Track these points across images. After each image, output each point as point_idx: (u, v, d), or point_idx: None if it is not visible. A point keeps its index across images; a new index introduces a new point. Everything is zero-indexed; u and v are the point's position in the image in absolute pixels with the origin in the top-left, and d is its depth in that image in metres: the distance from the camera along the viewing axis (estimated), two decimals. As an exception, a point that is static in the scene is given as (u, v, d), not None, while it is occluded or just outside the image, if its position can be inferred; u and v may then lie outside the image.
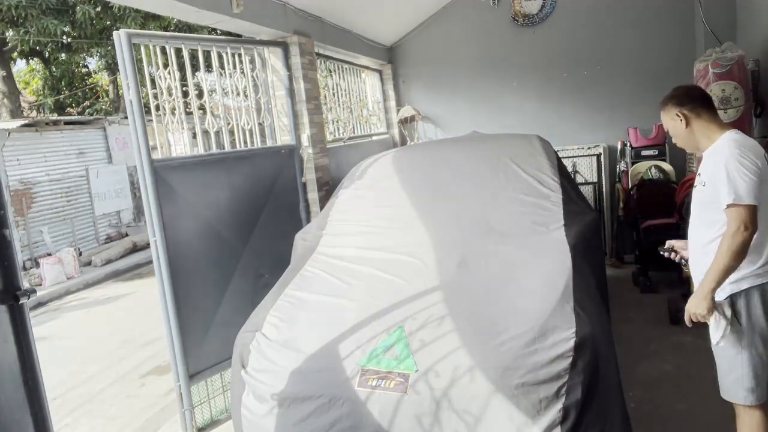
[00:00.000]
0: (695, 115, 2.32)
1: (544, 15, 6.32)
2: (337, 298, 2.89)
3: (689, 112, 2.32)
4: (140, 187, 3.32)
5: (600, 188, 6.27)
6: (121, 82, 3.58)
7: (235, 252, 3.71)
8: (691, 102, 2.34)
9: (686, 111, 2.33)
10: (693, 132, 2.34)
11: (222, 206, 3.66)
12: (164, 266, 3.29)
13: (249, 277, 3.76)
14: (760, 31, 4.91)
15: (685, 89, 2.42)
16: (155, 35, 3.58)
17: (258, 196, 3.95)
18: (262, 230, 3.91)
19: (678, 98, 2.37)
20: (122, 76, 3.30)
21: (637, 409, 3.12)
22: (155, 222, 3.27)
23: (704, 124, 2.32)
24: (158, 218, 3.27)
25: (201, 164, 3.63)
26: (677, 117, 2.34)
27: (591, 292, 2.67)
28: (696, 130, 2.33)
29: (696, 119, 2.32)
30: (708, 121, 2.32)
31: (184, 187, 3.46)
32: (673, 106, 2.36)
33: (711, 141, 2.29)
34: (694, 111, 2.32)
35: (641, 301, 4.99)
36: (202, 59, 3.76)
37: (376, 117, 6.92)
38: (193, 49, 3.76)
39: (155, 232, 3.28)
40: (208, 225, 3.57)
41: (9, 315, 1.43)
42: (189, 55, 3.65)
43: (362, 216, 3.73)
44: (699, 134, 2.33)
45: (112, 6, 10.45)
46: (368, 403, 2.27)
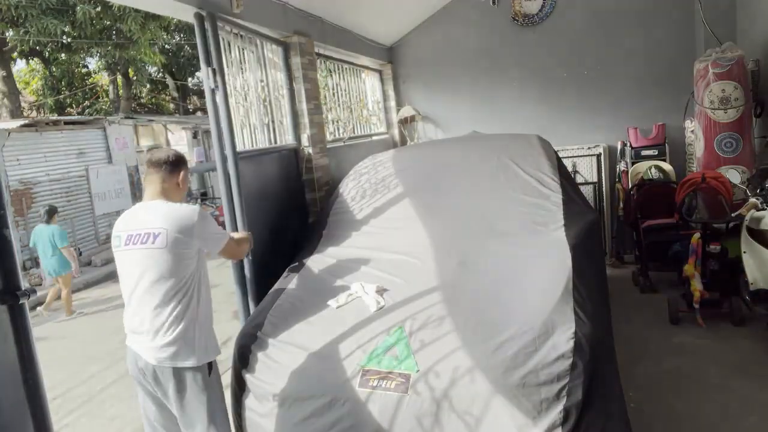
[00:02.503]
0: None
1: (544, 15, 6.32)
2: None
3: None
4: (220, 176, 3.33)
5: (600, 188, 6.27)
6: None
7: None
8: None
9: None
10: None
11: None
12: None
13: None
14: (760, 31, 4.91)
15: None
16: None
17: (267, 192, 3.97)
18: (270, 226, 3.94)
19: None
20: (204, 63, 3.21)
21: (637, 409, 3.12)
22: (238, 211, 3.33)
23: None
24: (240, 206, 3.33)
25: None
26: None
27: (591, 292, 2.66)
28: None
29: None
30: None
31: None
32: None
33: None
34: None
35: (641, 301, 4.99)
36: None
37: (376, 117, 6.92)
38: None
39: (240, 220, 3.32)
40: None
41: (9, 315, 1.43)
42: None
43: (362, 216, 3.73)
44: None
45: (112, 6, 10.44)
46: (369, 403, 2.26)
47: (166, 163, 2.43)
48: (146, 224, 2.31)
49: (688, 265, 4.38)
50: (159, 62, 14.81)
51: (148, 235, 2.28)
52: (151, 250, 2.26)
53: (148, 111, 18.40)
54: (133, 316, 2.34)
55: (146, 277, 2.28)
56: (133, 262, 2.31)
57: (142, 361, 2.31)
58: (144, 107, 19.10)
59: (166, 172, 2.42)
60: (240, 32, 3.83)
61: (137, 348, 2.33)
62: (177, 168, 2.47)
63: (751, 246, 3.79)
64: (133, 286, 2.32)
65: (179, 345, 2.27)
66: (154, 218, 2.31)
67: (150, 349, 2.28)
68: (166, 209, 2.34)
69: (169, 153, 2.50)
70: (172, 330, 2.27)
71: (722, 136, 4.78)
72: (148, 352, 2.29)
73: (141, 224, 2.33)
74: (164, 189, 2.42)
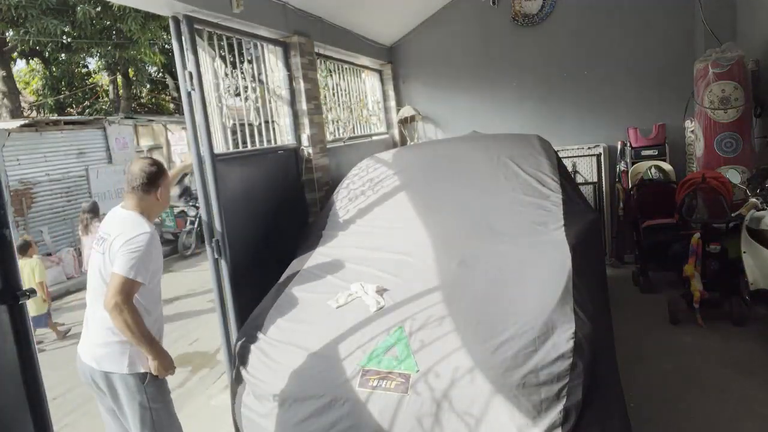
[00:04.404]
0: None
1: (544, 15, 6.32)
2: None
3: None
4: (197, 177, 3.31)
5: (600, 188, 6.27)
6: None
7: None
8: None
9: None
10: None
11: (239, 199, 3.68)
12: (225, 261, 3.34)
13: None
14: (760, 31, 4.91)
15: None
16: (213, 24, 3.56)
17: (267, 192, 3.97)
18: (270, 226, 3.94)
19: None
20: (179, 65, 3.22)
21: (637, 409, 3.12)
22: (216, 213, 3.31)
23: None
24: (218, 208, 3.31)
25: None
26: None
27: (591, 292, 2.66)
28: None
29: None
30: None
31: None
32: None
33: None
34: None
35: (641, 301, 4.99)
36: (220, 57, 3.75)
37: (376, 117, 6.92)
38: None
39: (218, 224, 3.32)
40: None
41: (9, 315, 1.43)
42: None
43: (362, 216, 3.73)
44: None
45: (112, 6, 10.44)
46: (369, 403, 2.26)
47: (141, 185, 2.43)
48: (104, 229, 2.44)
49: (688, 265, 4.38)
50: (159, 62, 14.79)
51: (103, 239, 2.40)
52: (100, 255, 2.38)
53: (148, 111, 18.39)
54: (87, 318, 2.47)
55: (92, 279, 2.43)
56: (91, 263, 2.46)
57: (85, 366, 2.41)
58: (144, 107, 19.09)
59: (142, 192, 2.44)
60: (234, 36, 3.84)
61: (81, 350, 2.45)
62: (153, 186, 2.46)
63: (751, 246, 3.79)
64: (88, 287, 2.48)
65: (109, 350, 2.35)
66: (113, 226, 2.41)
67: (88, 351, 2.40)
68: (125, 220, 2.41)
69: (143, 171, 2.45)
70: (103, 335, 2.35)
71: (722, 136, 4.78)
72: (88, 354, 2.40)
73: (104, 228, 2.45)
74: (142, 207, 2.45)
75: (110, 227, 2.41)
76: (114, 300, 2.21)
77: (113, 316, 2.23)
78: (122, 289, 2.22)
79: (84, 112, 15.26)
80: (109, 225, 2.43)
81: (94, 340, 2.38)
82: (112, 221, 2.45)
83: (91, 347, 2.39)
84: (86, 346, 2.42)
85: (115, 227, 2.38)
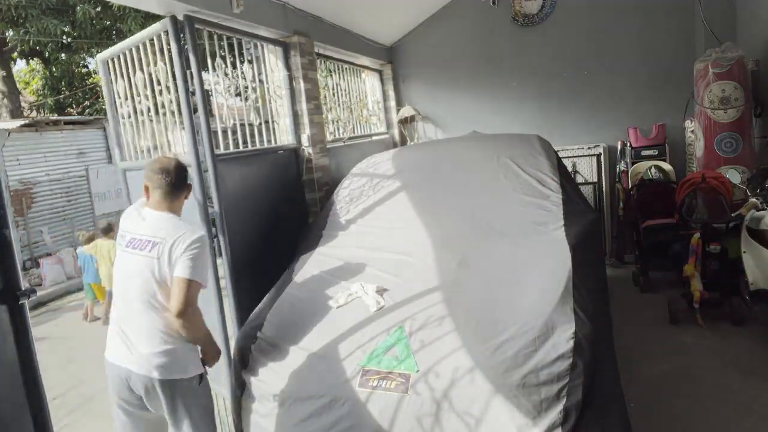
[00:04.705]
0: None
1: (544, 15, 6.32)
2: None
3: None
4: (199, 177, 3.23)
5: (600, 188, 6.27)
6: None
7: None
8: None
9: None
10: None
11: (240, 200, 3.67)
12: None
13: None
14: (760, 31, 4.91)
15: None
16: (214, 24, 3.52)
17: (267, 192, 3.97)
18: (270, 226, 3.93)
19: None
20: (179, 65, 3.16)
21: (637, 409, 3.12)
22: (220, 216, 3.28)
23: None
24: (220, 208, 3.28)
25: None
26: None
27: (591, 292, 2.66)
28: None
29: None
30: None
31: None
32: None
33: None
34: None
35: (641, 301, 4.99)
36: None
37: (376, 117, 6.92)
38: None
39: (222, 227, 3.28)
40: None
41: (9, 315, 1.43)
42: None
43: (362, 216, 3.73)
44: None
45: (112, 6, 10.44)
46: (369, 403, 2.26)
47: (174, 185, 2.38)
48: (149, 231, 2.31)
49: (688, 265, 4.38)
50: (160, 62, 14.78)
51: (153, 243, 2.28)
52: (147, 258, 2.28)
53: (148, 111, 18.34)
54: (124, 324, 2.32)
55: (137, 283, 2.28)
56: (129, 266, 2.33)
57: (132, 375, 2.27)
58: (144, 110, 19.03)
59: (176, 192, 2.40)
60: (234, 35, 3.83)
61: (124, 361, 2.29)
62: (184, 186, 2.44)
63: (751, 246, 3.79)
64: (123, 290, 2.33)
65: (170, 357, 2.27)
66: (159, 229, 2.31)
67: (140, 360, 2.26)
68: (173, 223, 2.33)
69: (175, 170, 2.40)
70: (158, 342, 2.26)
71: (722, 136, 4.78)
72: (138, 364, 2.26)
73: (145, 230, 2.33)
74: (174, 208, 2.41)
75: (156, 230, 2.30)
76: (185, 305, 2.20)
77: (185, 320, 2.21)
78: (193, 293, 2.23)
79: (84, 112, 15.26)
80: (154, 228, 2.32)
81: (149, 349, 2.25)
82: (155, 224, 2.33)
83: (145, 357, 2.25)
84: (135, 357, 2.26)
85: (164, 230, 2.29)
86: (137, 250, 2.31)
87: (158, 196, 2.37)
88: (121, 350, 2.30)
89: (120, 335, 2.32)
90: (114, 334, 2.34)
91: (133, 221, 2.41)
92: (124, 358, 2.29)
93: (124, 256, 2.35)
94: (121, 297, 2.35)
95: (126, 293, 2.32)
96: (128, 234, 2.37)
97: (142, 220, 2.37)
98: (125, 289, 2.33)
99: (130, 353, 2.27)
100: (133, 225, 2.39)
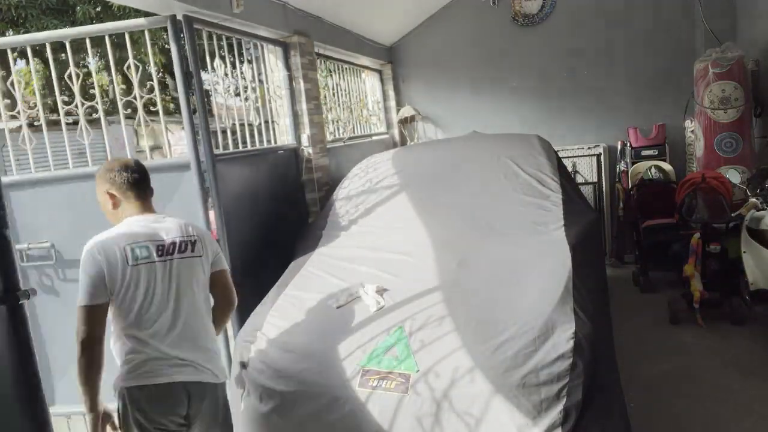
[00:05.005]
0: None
1: (544, 15, 6.32)
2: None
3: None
4: (199, 178, 3.22)
5: (600, 188, 6.27)
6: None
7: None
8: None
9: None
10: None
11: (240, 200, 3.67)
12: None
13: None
14: (760, 31, 4.91)
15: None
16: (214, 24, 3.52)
17: (267, 193, 3.97)
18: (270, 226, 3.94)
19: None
20: (178, 66, 3.17)
21: (637, 409, 3.12)
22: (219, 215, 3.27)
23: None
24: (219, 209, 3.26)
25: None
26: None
27: (591, 292, 2.66)
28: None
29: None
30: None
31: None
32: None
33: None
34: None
35: (641, 301, 4.99)
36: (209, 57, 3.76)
37: (376, 117, 6.92)
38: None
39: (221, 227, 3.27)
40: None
41: (9, 315, 1.43)
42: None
43: (362, 216, 3.73)
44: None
45: (112, 6, 10.45)
46: (369, 403, 2.26)
47: (149, 185, 2.21)
48: (176, 232, 2.15)
49: (688, 265, 4.38)
50: (159, 62, 14.80)
51: (187, 243, 2.14)
52: (192, 258, 2.15)
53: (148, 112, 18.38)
54: (174, 335, 2.08)
55: (191, 287, 2.13)
56: (173, 272, 2.10)
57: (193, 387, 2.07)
58: (144, 107, 19.09)
59: (150, 189, 2.22)
60: (234, 36, 3.83)
61: (181, 375, 2.05)
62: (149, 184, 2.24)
63: (751, 246, 3.79)
64: (169, 298, 2.08)
65: (220, 362, 2.24)
66: (181, 227, 2.17)
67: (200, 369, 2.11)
68: (179, 220, 2.20)
69: (146, 172, 2.20)
70: (210, 345, 2.20)
71: (722, 136, 4.78)
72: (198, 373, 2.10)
73: (170, 232, 2.13)
74: (150, 205, 2.23)
75: (185, 229, 2.17)
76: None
77: (231, 312, 2.28)
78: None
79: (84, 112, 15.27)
80: (176, 226, 2.17)
81: (204, 355, 2.12)
82: (170, 224, 2.16)
83: (210, 362, 2.13)
84: (199, 365, 2.10)
85: (185, 228, 2.18)
86: (177, 254, 2.11)
87: (144, 198, 2.18)
88: (174, 364, 2.05)
89: (170, 347, 2.05)
90: (155, 350, 2.03)
91: (157, 227, 2.13)
92: (181, 372, 2.05)
93: (162, 266, 2.08)
94: (160, 308, 2.06)
95: (178, 302, 2.09)
96: (150, 243, 2.07)
97: (147, 227, 2.11)
98: (174, 298, 2.08)
99: (189, 364, 2.08)
100: (146, 232, 2.09)
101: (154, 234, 2.10)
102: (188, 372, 2.07)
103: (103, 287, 1.96)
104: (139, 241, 2.05)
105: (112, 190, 2.13)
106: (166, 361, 2.03)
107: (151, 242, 2.07)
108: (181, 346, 2.07)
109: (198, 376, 2.09)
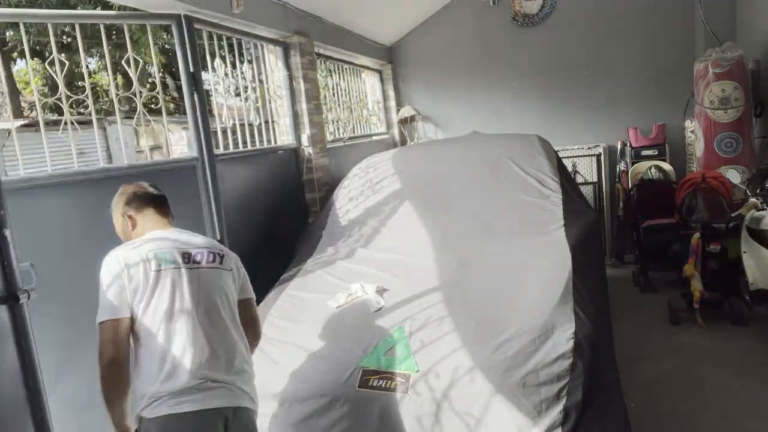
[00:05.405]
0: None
1: (544, 15, 6.32)
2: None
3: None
4: (199, 178, 3.20)
5: (600, 188, 6.27)
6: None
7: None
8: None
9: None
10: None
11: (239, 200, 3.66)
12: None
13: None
14: (760, 31, 4.91)
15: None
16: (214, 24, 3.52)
17: (267, 192, 3.97)
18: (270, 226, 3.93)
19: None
20: (182, 66, 3.19)
21: (637, 409, 3.11)
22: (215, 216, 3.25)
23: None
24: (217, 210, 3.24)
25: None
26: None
27: (591, 292, 2.67)
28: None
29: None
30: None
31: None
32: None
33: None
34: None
35: (641, 301, 4.99)
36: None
37: (376, 117, 6.92)
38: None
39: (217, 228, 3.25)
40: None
41: (9, 315, 1.43)
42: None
43: (362, 216, 3.73)
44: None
45: (112, 6, 10.44)
46: (369, 403, 2.26)
47: (165, 198, 2.11)
48: (204, 243, 2.04)
49: (688, 265, 4.38)
50: (159, 62, 14.82)
51: (215, 255, 2.00)
52: (222, 270, 2.01)
53: (148, 111, 18.41)
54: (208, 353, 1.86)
55: (221, 299, 1.96)
56: (201, 280, 1.93)
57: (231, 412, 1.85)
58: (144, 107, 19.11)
59: (168, 209, 2.12)
60: (234, 35, 3.84)
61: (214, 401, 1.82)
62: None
63: (751, 246, 3.79)
64: (197, 310, 1.88)
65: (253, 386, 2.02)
66: (205, 242, 2.06)
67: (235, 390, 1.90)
68: (203, 237, 2.12)
69: (157, 186, 2.13)
70: (246, 367, 1.98)
71: (722, 136, 4.78)
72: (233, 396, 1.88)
73: (197, 242, 2.03)
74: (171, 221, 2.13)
75: (212, 243, 2.08)
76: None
77: (256, 347, 2.17)
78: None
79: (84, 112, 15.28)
80: (209, 241, 2.10)
81: (241, 378, 1.92)
82: (198, 238, 2.06)
83: (242, 386, 1.92)
84: (229, 388, 1.87)
85: (212, 242, 2.10)
86: (206, 264, 1.96)
87: (155, 211, 2.06)
88: (207, 387, 1.82)
89: (201, 368, 1.83)
90: (185, 372, 1.80)
91: (180, 238, 2.01)
92: (213, 396, 1.82)
93: (189, 273, 1.91)
94: (192, 321, 1.85)
95: (208, 315, 1.89)
96: (174, 250, 1.92)
97: (170, 236, 2.00)
98: (207, 310, 1.90)
99: (224, 386, 1.86)
100: (170, 240, 1.97)
101: (179, 242, 1.97)
102: (222, 395, 1.83)
103: (125, 300, 1.80)
104: (163, 248, 1.91)
105: (129, 211, 2.03)
106: (195, 385, 1.79)
107: (176, 249, 1.92)
108: (215, 366, 1.85)
109: (236, 401, 1.87)
